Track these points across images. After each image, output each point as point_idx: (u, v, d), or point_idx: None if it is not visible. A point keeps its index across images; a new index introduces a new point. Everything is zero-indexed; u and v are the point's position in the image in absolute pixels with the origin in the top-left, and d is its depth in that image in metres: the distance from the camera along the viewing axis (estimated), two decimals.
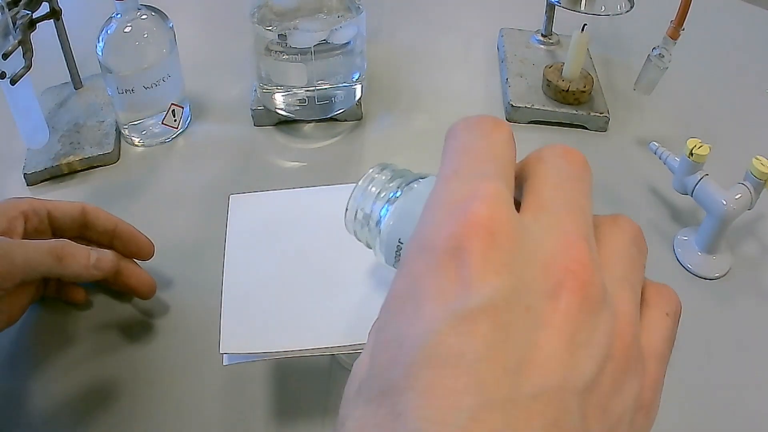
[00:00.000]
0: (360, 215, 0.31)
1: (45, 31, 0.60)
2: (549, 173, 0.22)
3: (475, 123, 0.22)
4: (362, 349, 0.23)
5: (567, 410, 0.17)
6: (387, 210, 0.29)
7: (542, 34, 0.76)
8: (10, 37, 0.53)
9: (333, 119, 0.68)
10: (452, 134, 0.23)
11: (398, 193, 0.29)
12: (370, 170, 0.31)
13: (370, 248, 0.31)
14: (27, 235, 0.47)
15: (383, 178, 0.31)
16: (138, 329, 0.50)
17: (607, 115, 0.67)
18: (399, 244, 0.29)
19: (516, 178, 0.22)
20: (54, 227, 0.49)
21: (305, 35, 0.60)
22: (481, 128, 0.22)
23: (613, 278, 0.21)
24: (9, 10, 0.54)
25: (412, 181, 0.30)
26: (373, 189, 0.31)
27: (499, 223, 0.19)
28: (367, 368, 0.20)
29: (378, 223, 0.30)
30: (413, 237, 0.21)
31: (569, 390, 0.18)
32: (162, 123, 0.65)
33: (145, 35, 0.61)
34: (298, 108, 0.66)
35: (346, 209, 0.32)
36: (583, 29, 0.65)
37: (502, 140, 0.22)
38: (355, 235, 0.32)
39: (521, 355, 0.18)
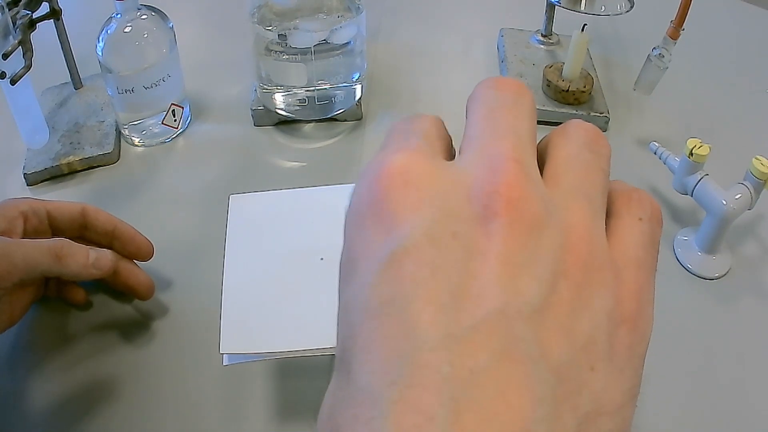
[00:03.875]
0: None
1: (45, 31, 0.60)
2: (479, 108, 0.21)
3: (405, 117, 0.23)
4: None
5: (515, 337, 0.16)
6: None
7: (542, 34, 0.76)
8: (10, 37, 0.53)
9: (333, 119, 0.68)
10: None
11: None
12: None
13: None
14: (26, 236, 0.47)
15: None
16: (138, 329, 0.50)
17: (607, 115, 0.67)
18: None
19: None
20: (54, 228, 0.49)
21: (305, 35, 0.60)
22: (407, 118, 0.22)
23: (563, 191, 0.19)
24: (9, 10, 0.54)
25: None
26: None
27: (414, 165, 0.19)
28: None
29: None
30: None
31: (514, 315, 0.16)
32: (162, 123, 0.65)
33: (145, 35, 0.61)
34: (298, 108, 0.66)
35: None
36: (583, 29, 0.65)
37: (427, 120, 0.22)
38: None
39: (455, 288, 0.17)
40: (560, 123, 0.70)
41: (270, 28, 0.61)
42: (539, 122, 0.22)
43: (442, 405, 0.15)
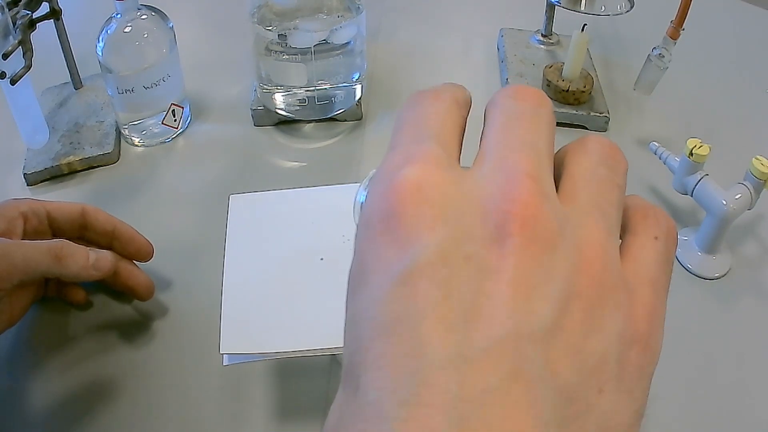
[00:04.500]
0: (357, 207, 0.31)
1: (45, 31, 0.60)
2: (497, 117, 0.21)
3: (415, 97, 0.22)
4: None
5: (526, 358, 0.16)
6: None
7: (542, 34, 0.76)
8: (10, 37, 0.53)
9: (333, 119, 0.68)
10: (397, 113, 0.22)
11: None
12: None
13: None
14: (26, 236, 0.47)
15: None
16: (138, 329, 0.50)
17: (607, 115, 0.67)
18: None
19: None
20: (53, 228, 0.49)
21: (305, 35, 0.60)
22: (420, 101, 0.22)
23: (578, 207, 0.19)
24: (9, 10, 0.54)
25: None
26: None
27: (429, 179, 0.18)
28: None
29: None
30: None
31: (525, 337, 0.16)
32: (162, 123, 0.65)
33: (145, 35, 0.61)
34: (298, 108, 0.66)
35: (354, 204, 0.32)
36: (583, 29, 0.65)
37: (441, 108, 0.21)
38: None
39: (467, 308, 0.17)
40: (560, 123, 0.70)
41: (270, 28, 0.61)
42: None
43: (450, 425, 0.15)
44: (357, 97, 0.67)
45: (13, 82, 0.52)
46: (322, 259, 0.42)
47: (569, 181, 0.20)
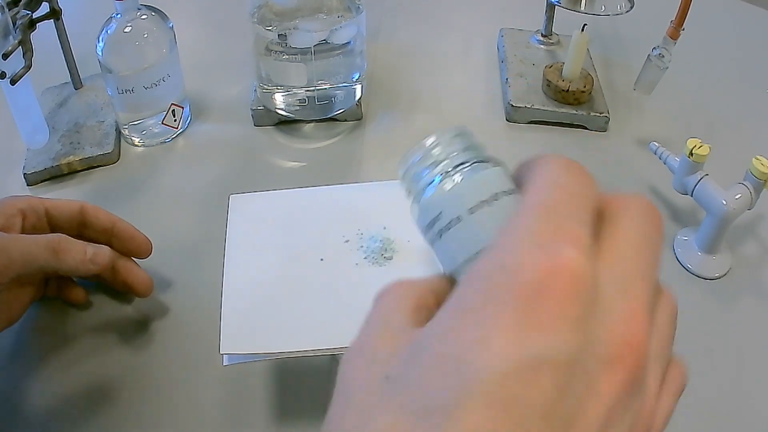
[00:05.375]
0: (412, 171, 0.29)
1: (45, 31, 0.60)
2: (629, 233, 0.22)
3: (569, 163, 0.22)
4: None
5: None
6: (439, 179, 0.28)
7: (542, 34, 0.76)
8: (10, 37, 0.53)
9: (333, 119, 0.68)
10: (544, 163, 0.22)
11: (459, 169, 0.27)
12: (445, 133, 0.29)
13: (409, 195, 0.29)
14: (25, 233, 0.47)
15: (453, 145, 0.28)
16: (138, 329, 0.50)
17: (607, 115, 0.67)
18: (438, 216, 0.27)
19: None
20: (52, 226, 0.49)
21: (305, 35, 0.60)
22: (576, 171, 0.22)
23: (655, 354, 0.22)
24: (9, 10, 0.54)
25: (477, 162, 0.28)
26: (436, 151, 0.28)
27: (584, 274, 0.19)
28: (403, 366, 0.20)
29: (427, 185, 0.28)
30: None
31: None
32: (162, 123, 0.65)
33: (145, 35, 0.61)
34: (298, 108, 0.66)
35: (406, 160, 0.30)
36: (583, 29, 0.65)
37: (591, 185, 0.22)
38: (402, 179, 0.30)
39: (569, 417, 0.18)
40: (560, 123, 0.69)
41: (270, 28, 0.61)
42: (540, 122, 0.22)
43: None
44: (357, 97, 0.67)
45: (13, 82, 0.52)
46: (322, 259, 0.42)
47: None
